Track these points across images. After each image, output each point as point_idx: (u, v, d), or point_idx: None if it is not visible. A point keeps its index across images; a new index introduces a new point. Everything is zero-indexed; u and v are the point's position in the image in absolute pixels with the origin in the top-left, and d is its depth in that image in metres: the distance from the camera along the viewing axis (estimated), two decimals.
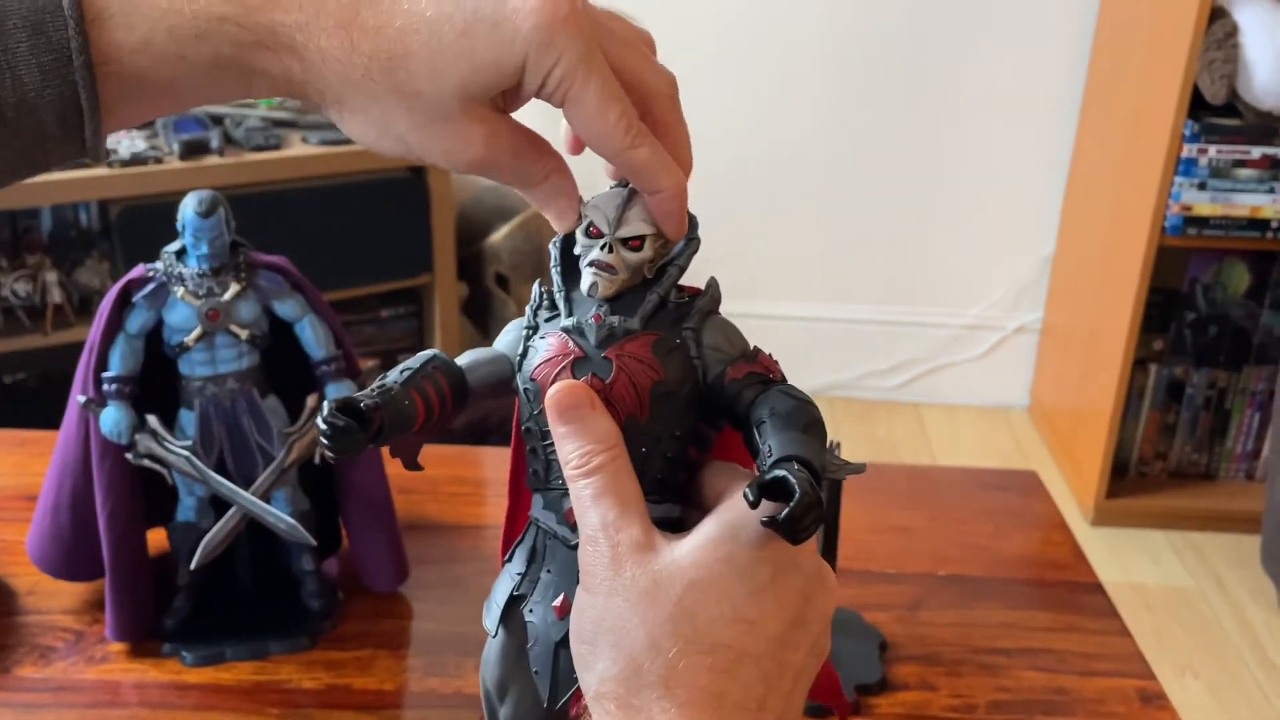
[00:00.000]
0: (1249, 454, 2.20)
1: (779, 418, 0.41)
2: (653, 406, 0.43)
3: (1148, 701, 0.70)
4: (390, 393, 0.43)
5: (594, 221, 0.45)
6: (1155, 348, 2.14)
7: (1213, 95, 1.87)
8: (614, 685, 0.39)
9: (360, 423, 0.41)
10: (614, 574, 0.40)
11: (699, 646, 0.39)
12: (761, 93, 2.36)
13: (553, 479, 0.45)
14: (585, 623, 0.41)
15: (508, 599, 0.47)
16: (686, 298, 0.45)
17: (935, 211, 2.43)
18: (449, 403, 0.45)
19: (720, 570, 0.39)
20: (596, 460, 0.42)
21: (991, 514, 0.90)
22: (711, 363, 0.44)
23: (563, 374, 0.43)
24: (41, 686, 0.68)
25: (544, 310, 0.46)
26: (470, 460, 0.97)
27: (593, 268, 0.44)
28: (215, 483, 0.69)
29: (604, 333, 0.43)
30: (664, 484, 0.44)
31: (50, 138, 0.41)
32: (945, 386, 2.55)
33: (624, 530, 0.41)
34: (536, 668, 0.46)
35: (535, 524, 0.47)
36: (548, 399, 0.43)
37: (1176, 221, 1.93)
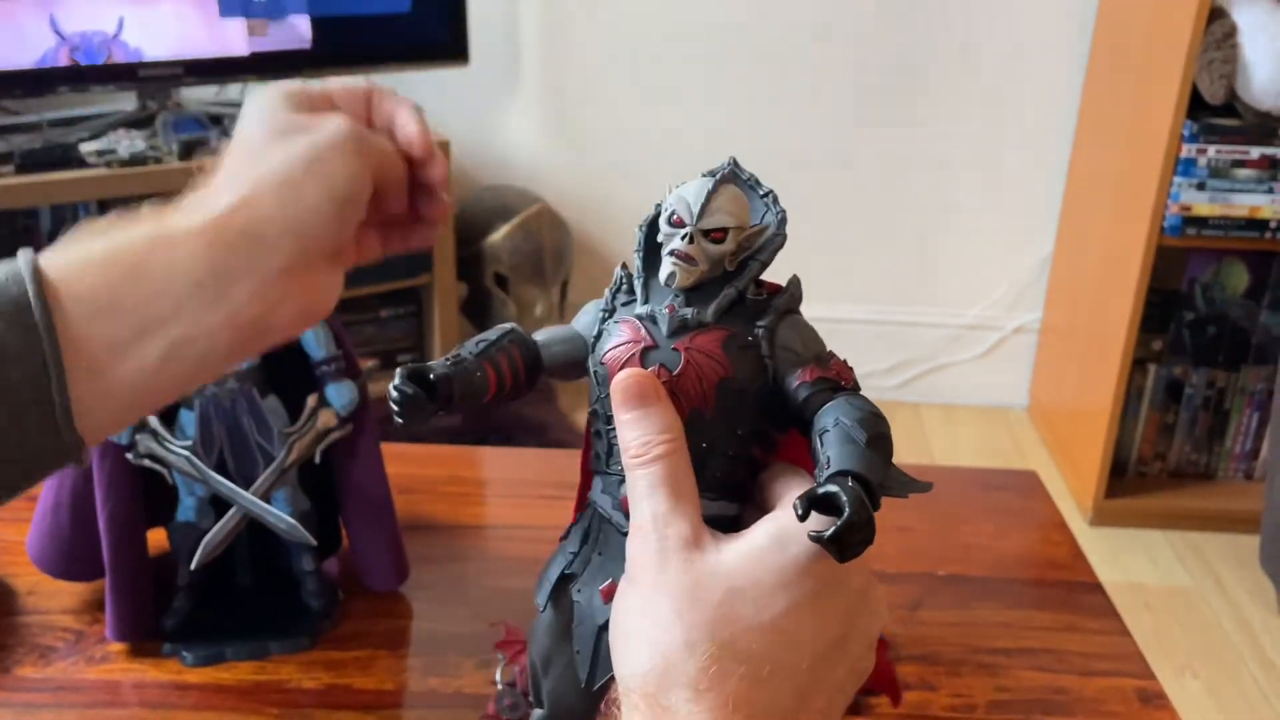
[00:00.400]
0: (1248, 454, 2.21)
1: (842, 428, 0.40)
2: (718, 403, 0.43)
3: (1147, 701, 0.70)
4: (463, 363, 0.44)
5: (677, 211, 0.44)
6: (1154, 348, 2.15)
7: (1211, 95, 1.87)
8: (644, 681, 0.39)
9: (429, 392, 0.41)
10: (658, 569, 0.40)
11: (733, 653, 0.38)
12: (759, 93, 2.36)
13: (612, 464, 0.45)
14: (624, 614, 0.41)
15: (559, 576, 0.47)
16: (765, 294, 0.45)
17: (934, 211, 2.43)
18: (522, 376, 0.46)
19: (763, 579, 0.39)
20: (656, 451, 0.41)
21: (991, 514, 0.90)
22: (783, 363, 0.43)
23: (631, 361, 0.43)
24: (41, 686, 0.68)
25: (622, 294, 0.46)
26: (470, 460, 0.97)
27: (672, 257, 0.43)
28: (215, 483, 0.69)
29: (676, 324, 0.43)
30: (723, 482, 0.44)
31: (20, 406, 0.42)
32: (944, 386, 2.55)
33: (673, 525, 0.40)
34: (579, 647, 0.46)
35: (593, 506, 0.47)
36: (614, 384, 0.42)
37: (1175, 221, 1.94)
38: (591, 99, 2.39)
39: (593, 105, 2.39)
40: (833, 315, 2.49)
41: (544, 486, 0.91)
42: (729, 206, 0.44)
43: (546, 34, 2.35)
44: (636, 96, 2.37)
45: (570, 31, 2.35)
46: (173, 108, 1.99)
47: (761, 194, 0.46)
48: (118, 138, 1.88)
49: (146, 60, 1.90)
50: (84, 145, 1.86)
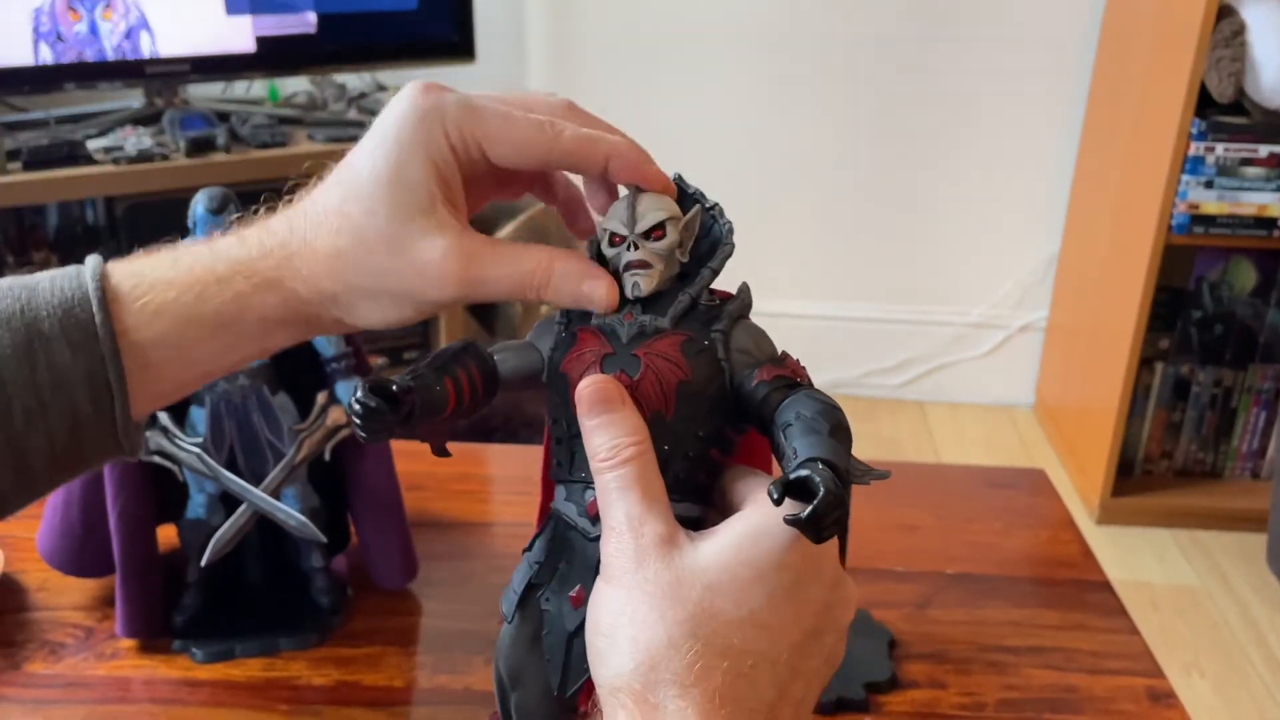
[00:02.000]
0: (1255, 452, 2.20)
1: (804, 421, 0.41)
2: (678, 405, 0.44)
3: (1156, 700, 0.70)
4: (422, 378, 0.44)
5: (611, 230, 0.46)
6: (1161, 346, 2.14)
7: (1220, 93, 1.86)
8: (630, 679, 0.39)
9: (391, 405, 0.42)
10: (636, 568, 0.40)
11: (716, 648, 0.39)
12: (766, 92, 2.36)
13: (576, 471, 0.45)
14: (604, 614, 0.41)
15: (525, 587, 0.47)
16: (718, 301, 0.46)
17: (940, 209, 2.43)
18: (480, 391, 0.46)
19: (741, 573, 0.40)
20: (625, 454, 0.42)
21: (999, 512, 0.90)
22: (739, 365, 0.44)
23: (591, 369, 0.44)
24: (51, 682, 0.68)
25: None
26: (477, 458, 0.97)
27: (629, 270, 0.45)
28: (226, 479, 0.69)
29: (634, 330, 0.44)
30: (685, 483, 0.44)
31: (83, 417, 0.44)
32: (950, 385, 2.55)
33: (648, 525, 0.41)
34: (549, 656, 0.46)
35: (556, 515, 0.47)
36: (578, 392, 0.43)
37: (1183, 220, 1.93)
38: (597, 98, 2.38)
39: (598, 104, 2.38)
40: (838, 313, 2.49)
41: None
42: (655, 204, 0.46)
43: (553, 32, 2.35)
44: (642, 95, 2.37)
45: (577, 30, 2.35)
46: (179, 104, 1.99)
47: (708, 207, 0.47)
48: (125, 135, 1.88)
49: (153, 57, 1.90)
50: (91, 142, 1.86)
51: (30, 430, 0.44)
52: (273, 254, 0.47)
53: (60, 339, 0.44)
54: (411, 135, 0.45)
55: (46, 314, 0.44)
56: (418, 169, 0.45)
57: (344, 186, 0.46)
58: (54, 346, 0.44)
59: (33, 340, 0.44)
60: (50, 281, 0.45)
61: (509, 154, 0.46)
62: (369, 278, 0.46)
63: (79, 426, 0.45)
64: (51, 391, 0.44)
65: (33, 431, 0.44)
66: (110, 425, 0.45)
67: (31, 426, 0.44)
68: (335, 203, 0.46)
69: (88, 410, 0.44)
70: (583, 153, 0.46)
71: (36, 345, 0.43)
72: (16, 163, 1.80)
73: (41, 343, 0.43)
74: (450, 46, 2.09)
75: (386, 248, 0.45)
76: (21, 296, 0.44)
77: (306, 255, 0.46)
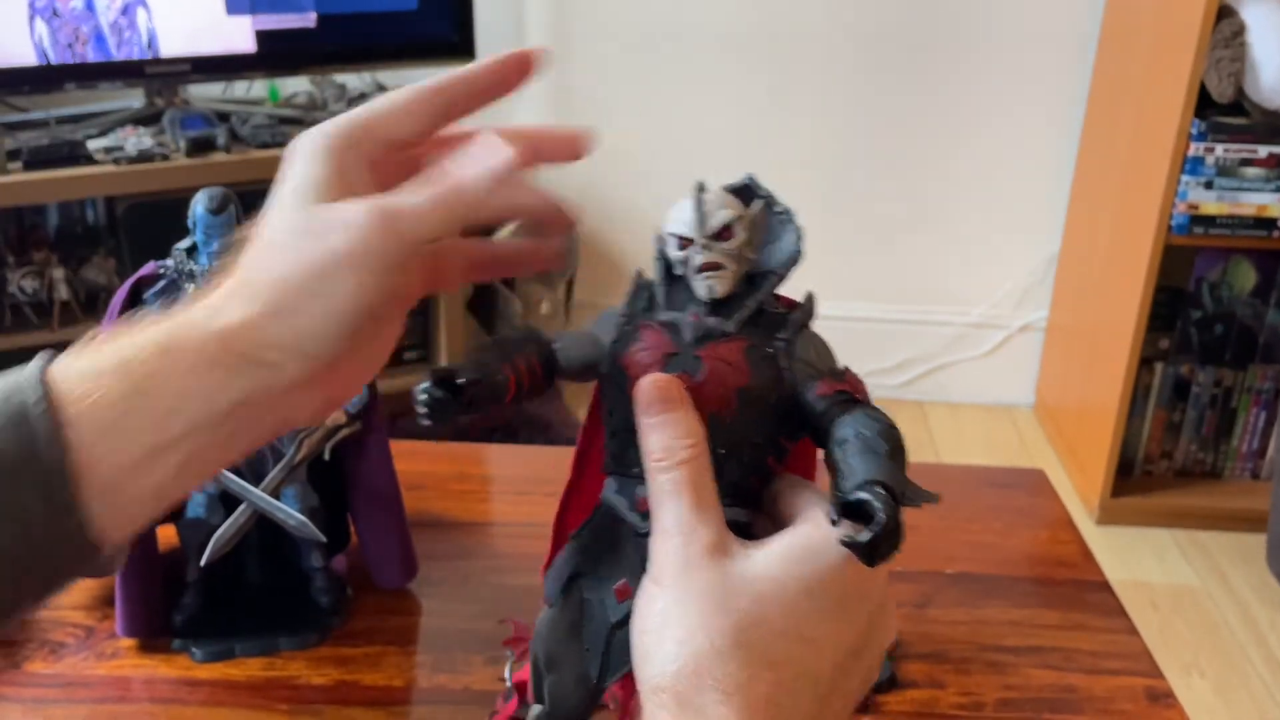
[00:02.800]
0: (1255, 453, 2.20)
1: (863, 439, 0.41)
2: (738, 410, 0.44)
3: (1156, 700, 0.70)
4: (486, 366, 0.45)
5: (678, 234, 0.45)
6: (1161, 346, 2.14)
7: (1220, 94, 1.86)
8: (673, 681, 0.39)
9: (455, 395, 0.43)
10: (686, 572, 0.40)
11: (761, 659, 0.39)
12: (766, 92, 2.36)
13: (629, 465, 0.45)
14: (651, 615, 0.41)
15: (570, 574, 0.48)
16: (783, 309, 0.46)
17: (939, 209, 2.43)
18: (539, 378, 0.47)
19: (791, 587, 0.40)
20: (681, 455, 0.42)
21: (999, 512, 0.90)
22: (800, 375, 0.44)
23: (654, 366, 0.44)
24: (51, 682, 0.68)
25: (642, 301, 0.47)
26: (477, 457, 0.97)
27: (702, 274, 0.45)
28: (225, 479, 0.69)
29: (699, 332, 0.44)
30: (737, 488, 0.45)
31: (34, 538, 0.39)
32: (950, 385, 2.55)
33: (699, 530, 0.41)
34: (589, 645, 0.47)
35: (606, 505, 0.47)
36: (638, 388, 0.43)
37: (1183, 220, 1.93)
38: (597, 97, 2.39)
39: (598, 103, 2.39)
40: (838, 313, 2.49)
41: (552, 484, 0.90)
42: (720, 204, 0.45)
43: (553, 32, 2.35)
44: (642, 94, 2.37)
45: (577, 29, 2.35)
46: (180, 104, 2.00)
47: (778, 211, 0.48)
48: (125, 135, 1.89)
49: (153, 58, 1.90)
50: (91, 142, 1.86)
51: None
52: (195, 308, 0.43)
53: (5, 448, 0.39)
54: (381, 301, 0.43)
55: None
56: None
57: None
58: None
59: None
60: None
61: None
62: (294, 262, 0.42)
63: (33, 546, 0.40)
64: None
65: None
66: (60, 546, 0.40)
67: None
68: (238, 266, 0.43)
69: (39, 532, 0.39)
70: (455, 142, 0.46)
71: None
72: (17, 162, 1.80)
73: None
74: (450, 46, 2.09)
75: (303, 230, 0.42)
76: None
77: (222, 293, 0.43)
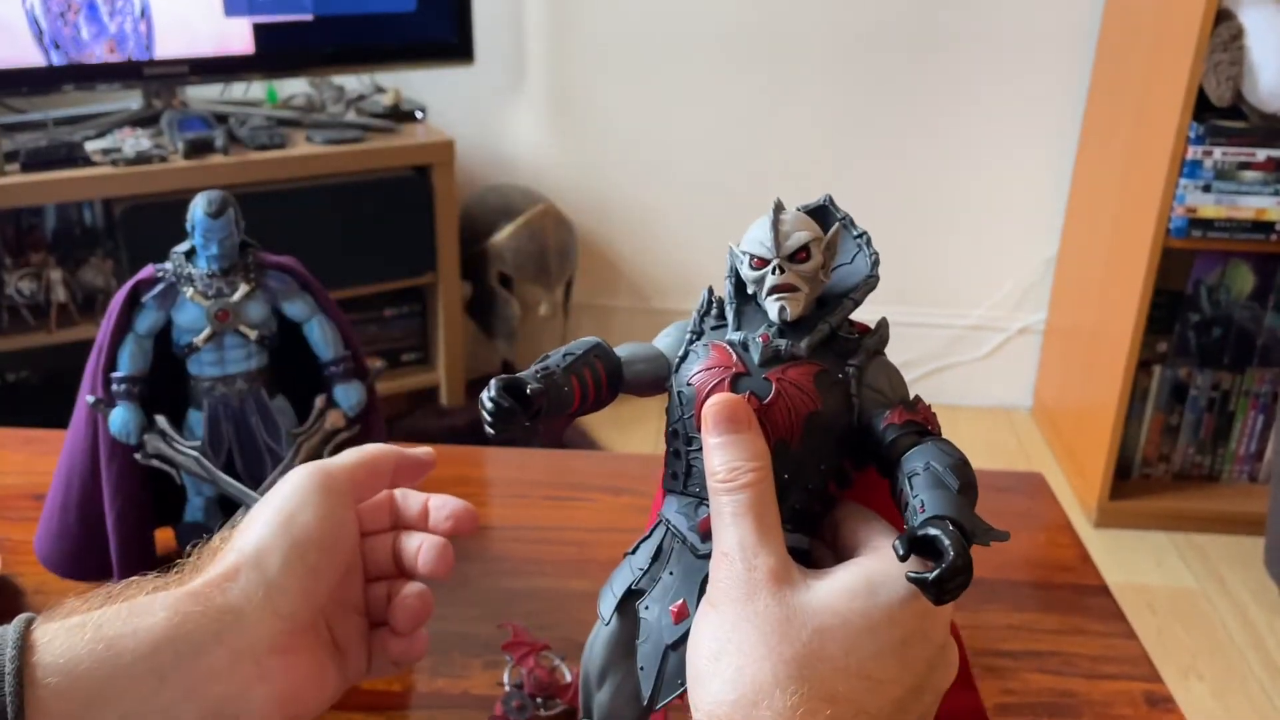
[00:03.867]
0: (1252, 456, 2.20)
1: (934, 473, 0.40)
2: (805, 435, 0.43)
3: (1155, 704, 0.70)
4: (553, 376, 0.44)
5: (753, 254, 0.44)
6: (1159, 349, 2.14)
7: (1218, 97, 1.86)
8: (731, 710, 0.38)
9: (523, 404, 0.42)
10: (747, 598, 0.40)
11: (820, 693, 0.38)
12: (764, 92, 2.36)
13: (691, 484, 0.45)
14: (708, 639, 0.40)
15: (625, 591, 0.47)
16: (855, 334, 0.45)
17: (938, 212, 2.43)
18: (604, 390, 0.46)
19: (853, 621, 0.39)
20: (745, 478, 0.41)
21: (997, 515, 0.89)
22: (870, 404, 0.44)
23: (721, 386, 0.43)
24: None
25: (711, 318, 0.46)
26: (475, 460, 0.97)
27: (774, 294, 0.44)
28: (224, 483, 0.69)
29: (769, 353, 0.44)
30: (800, 514, 0.44)
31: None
32: (948, 387, 2.55)
33: (761, 556, 0.40)
34: (643, 664, 0.46)
35: (665, 523, 0.47)
36: (706, 407, 0.43)
37: (1181, 223, 1.93)
38: (597, 98, 2.39)
39: (598, 105, 2.39)
40: None
41: (551, 487, 0.91)
42: (798, 225, 0.45)
43: (552, 33, 2.35)
44: (642, 96, 2.37)
45: (576, 31, 2.35)
46: (178, 106, 1.99)
47: (855, 235, 0.47)
48: (123, 136, 1.88)
49: (152, 59, 1.90)
50: (89, 144, 1.86)
51: None
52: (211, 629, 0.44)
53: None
54: None
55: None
56: None
57: None
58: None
59: None
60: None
61: None
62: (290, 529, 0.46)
63: None
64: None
65: None
66: None
67: None
68: None
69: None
70: None
71: None
72: (15, 164, 1.80)
73: None
74: (449, 48, 2.09)
75: None
76: None
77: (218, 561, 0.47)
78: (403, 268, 2.13)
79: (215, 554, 0.47)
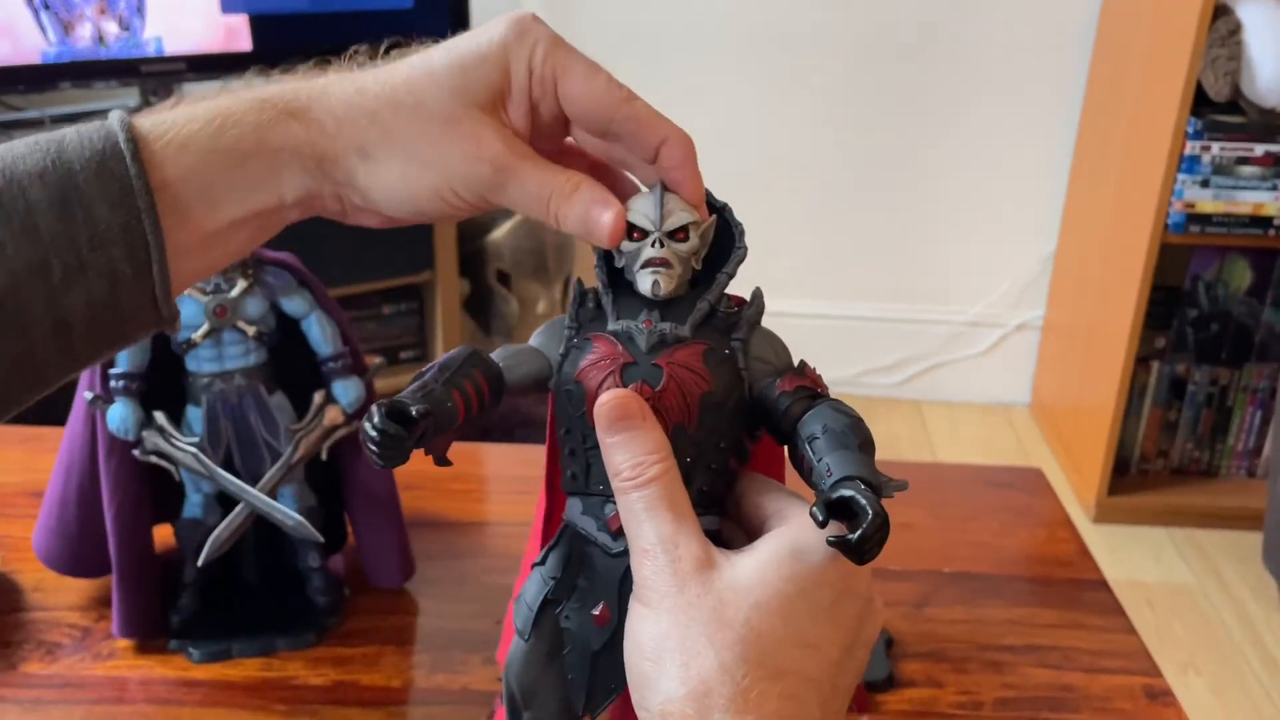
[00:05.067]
0: (1250, 451, 2.21)
1: (833, 435, 0.40)
2: (701, 416, 0.43)
3: (1153, 698, 0.70)
4: (433, 394, 0.42)
5: (635, 224, 0.44)
6: (1157, 345, 2.14)
7: (1216, 92, 1.86)
8: (681, 705, 0.38)
9: (408, 429, 0.40)
10: (678, 591, 0.40)
11: (767, 671, 0.38)
12: (763, 91, 2.36)
13: (593, 484, 0.44)
14: (647, 639, 0.40)
15: (540, 603, 0.46)
16: (734, 308, 0.45)
17: (936, 208, 2.43)
18: (487, 400, 0.45)
19: (785, 590, 0.39)
20: (651, 472, 0.41)
21: (996, 511, 0.90)
22: (758, 374, 0.44)
23: (611, 378, 0.43)
24: (48, 683, 0.68)
25: (588, 309, 0.45)
26: (474, 457, 0.97)
27: (649, 267, 0.43)
28: (222, 479, 0.69)
29: (654, 339, 0.43)
30: (707, 495, 0.44)
31: (122, 277, 0.42)
32: (946, 384, 2.55)
33: (682, 545, 0.40)
34: (572, 675, 0.45)
35: (571, 528, 0.46)
36: (597, 408, 0.42)
37: (1179, 219, 1.93)
38: None
39: None
40: (835, 313, 2.49)
41: None
42: (683, 205, 0.45)
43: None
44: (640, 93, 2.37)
45: (573, 28, 2.35)
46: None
47: (719, 206, 0.46)
48: None
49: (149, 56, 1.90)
50: None
51: (69, 289, 0.41)
52: (306, 90, 0.45)
53: (97, 193, 0.41)
54: (501, 43, 0.44)
55: (80, 167, 0.41)
56: (494, 72, 0.44)
57: (413, 63, 0.45)
58: (90, 202, 0.41)
59: (67, 194, 0.41)
60: (77, 135, 0.42)
61: (580, 99, 0.45)
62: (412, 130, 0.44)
63: (118, 286, 0.42)
64: (89, 249, 0.41)
65: (72, 290, 0.41)
66: (149, 286, 0.43)
67: (70, 285, 0.41)
68: (403, 69, 0.45)
69: (126, 270, 0.42)
70: (647, 125, 0.45)
71: (72, 199, 0.41)
72: None
73: (78, 197, 0.41)
74: None
75: (442, 118, 0.44)
76: (51, 150, 0.42)
77: (351, 97, 0.45)
78: (401, 265, 2.12)
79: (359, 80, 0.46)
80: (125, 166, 0.41)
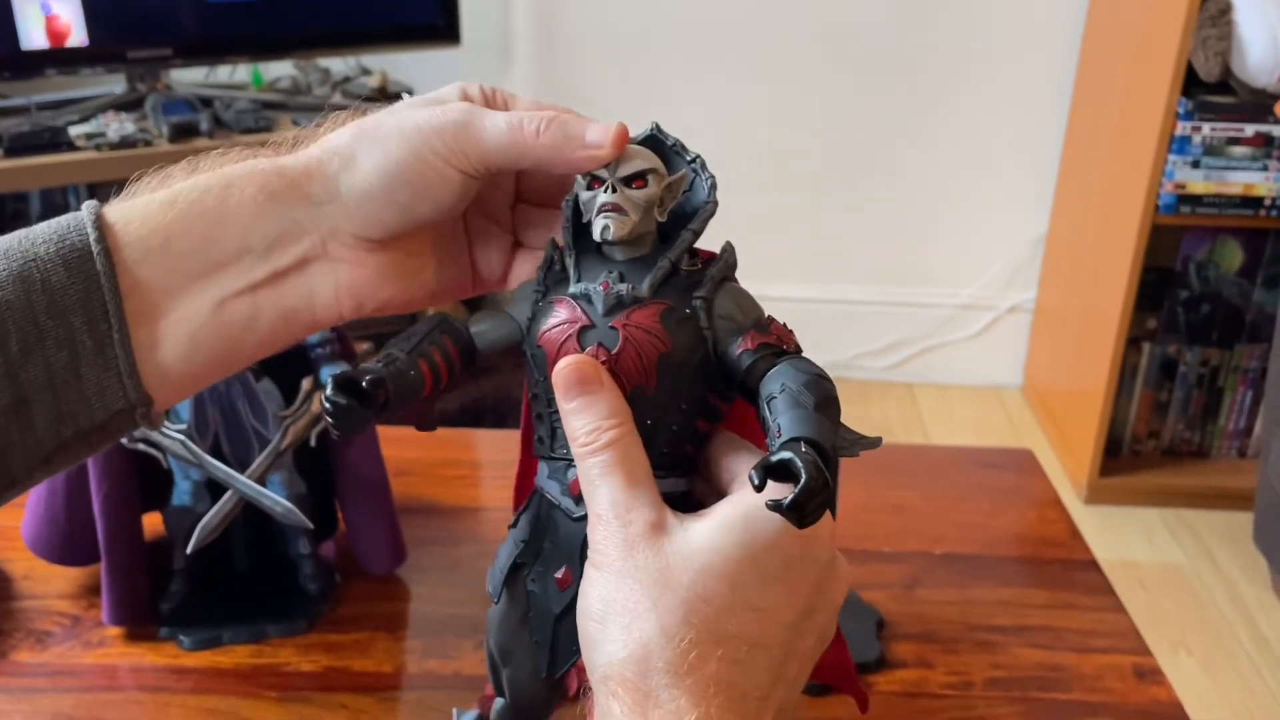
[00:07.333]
0: (1241, 431, 2.21)
1: (790, 393, 0.39)
2: (659, 378, 0.42)
3: (1143, 677, 0.70)
4: (396, 363, 0.42)
5: (594, 174, 0.44)
6: (1148, 326, 2.15)
7: (1206, 73, 1.86)
8: (622, 668, 0.38)
9: (363, 400, 0.40)
10: (626, 555, 0.40)
11: (711, 635, 0.38)
12: (753, 75, 2.35)
13: (557, 448, 0.44)
14: (594, 601, 0.40)
15: (510, 566, 0.47)
16: (700, 264, 0.44)
17: (928, 191, 2.43)
18: (457, 367, 0.45)
19: (734, 556, 0.39)
20: (605, 437, 0.41)
21: (987, 492, 0.90)
22: (723, 333, 0.43)
23: (569, 342, 0.42)
24: (38, 671, 0.68)
25: (554, 272, 0.45)
26: (466, 442, 0.97)
27: (601, 213, 0.43)
28: (211, 466, 0.69)
29: (611, 301, 0.42)
30: (670, 457, 0.43)
31: (81, 349, 0.42)
32: (939, 366, 2.55)
33: (635, 510, 0.40)
34: (537, 637, 0.46)
35: (540, 493, 0.46)
36: (555, 374, 0.42)
37: (1170, 200, 1.93)
38: (584, 82, 2.38)
39: (586, 88, 2.38)
40: (827, 296, 2.49)
41: None
42: (640, 153, 0.44)
43: (539, 15, 2.34)
44: (629, 78, 2.36)
45: (563, 13, 2.34)
46: (162, 90, 1.98)
47: (689, 159, 0.45)
48: (107, 120, 1.87)
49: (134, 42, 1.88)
50: (73, 128, 1.84)
51: (27, 361, 0.41)
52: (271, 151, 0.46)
53: (56, 262, 0.41)
54: None
55: (43, 241, 0.42)
56: None
57: None
58: (49, 269, 0.41)
59: (28, 265, 0.41)
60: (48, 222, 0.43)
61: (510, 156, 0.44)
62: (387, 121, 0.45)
63: (77, 357, 0.41)
64: (48, 317, 0.41)
65: (30, 362, 0.41)
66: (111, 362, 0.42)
67: (28, 356, 0.41)
68: None
69: (85, 341, 0.41)
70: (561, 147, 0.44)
71: (32, 269, 0.41)
72: None
73: (37, 266, 0.41)
74: (435, 30, 2.07)
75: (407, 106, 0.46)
76: (19, 233, 0.43)
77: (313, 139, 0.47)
78: None
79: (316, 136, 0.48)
80: (86, 237, 0.42)
